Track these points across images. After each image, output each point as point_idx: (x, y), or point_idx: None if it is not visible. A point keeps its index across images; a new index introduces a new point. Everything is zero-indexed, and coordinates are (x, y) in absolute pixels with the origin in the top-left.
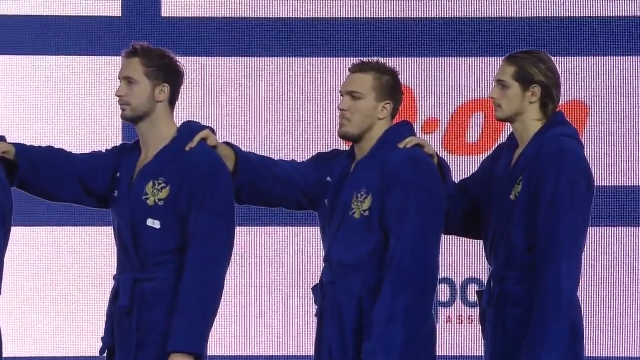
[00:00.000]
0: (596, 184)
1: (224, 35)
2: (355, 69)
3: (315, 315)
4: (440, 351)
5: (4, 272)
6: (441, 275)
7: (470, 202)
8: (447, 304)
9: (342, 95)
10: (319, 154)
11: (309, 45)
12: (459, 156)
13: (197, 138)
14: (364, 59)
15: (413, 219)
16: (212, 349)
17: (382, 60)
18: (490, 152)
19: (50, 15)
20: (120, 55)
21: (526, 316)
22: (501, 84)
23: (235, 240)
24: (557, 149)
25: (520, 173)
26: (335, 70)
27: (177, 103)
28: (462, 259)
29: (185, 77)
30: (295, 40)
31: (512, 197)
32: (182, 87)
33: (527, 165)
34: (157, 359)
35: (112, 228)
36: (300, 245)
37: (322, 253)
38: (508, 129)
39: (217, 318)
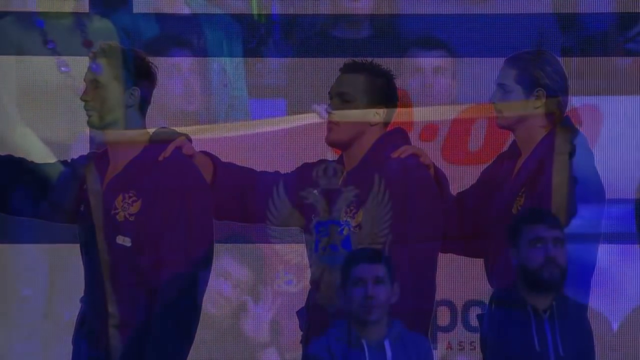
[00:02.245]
0: (609, 196)
1: (198, 33)
2: (347, 69)
3: (301, 342)
4: None
5: None
6: (440, 297)
7: (470, 217)
8: (447, 329)
9: (330, 98)
10: (304, 164)
11: (291, 44)
12: (459, 166)
13: (171, 146)
14: (357, 59)
15: (407, 237)
16: None
17: (376, 60)
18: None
19: (9, 11)
20: (87, 55)
21: (530, 341)
22: (502, 87)
23: (214, 258)
24: (563, 158)
25: (522, 184)
26: (322, 70)
27: (149, 107)
28: (463, 278)
29: (158, 79)
30: (276, 38)
31: (514, 210)
32: (155, 90)
33: (530, 175)
34: None
35: (78, 245)
36: (284, 265)
37: (307, 273)
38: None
39: (193, 346)
